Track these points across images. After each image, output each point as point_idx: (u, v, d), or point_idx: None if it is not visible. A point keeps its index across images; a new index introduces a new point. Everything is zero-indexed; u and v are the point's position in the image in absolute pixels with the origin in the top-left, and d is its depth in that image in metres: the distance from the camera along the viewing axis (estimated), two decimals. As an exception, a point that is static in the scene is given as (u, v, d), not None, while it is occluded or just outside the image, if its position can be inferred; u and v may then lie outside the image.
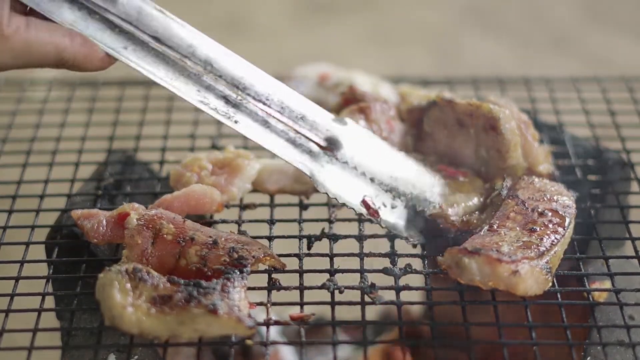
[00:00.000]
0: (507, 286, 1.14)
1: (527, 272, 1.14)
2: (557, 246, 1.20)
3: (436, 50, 3.66)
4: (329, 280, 1.23)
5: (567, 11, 3.90)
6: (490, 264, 1.14)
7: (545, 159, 1.41)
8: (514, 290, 1.14)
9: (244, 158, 1.40)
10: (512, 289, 1.14)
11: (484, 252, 1.15)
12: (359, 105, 1.41)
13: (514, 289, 1.14)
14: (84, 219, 1.30)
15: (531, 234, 1.21)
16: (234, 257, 1.17)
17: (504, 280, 1.14)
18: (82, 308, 1.21)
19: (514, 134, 1.35)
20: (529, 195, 1.29)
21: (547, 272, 1.17)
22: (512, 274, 1.13)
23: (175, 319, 1.08)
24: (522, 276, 1.13)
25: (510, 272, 1.13)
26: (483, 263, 1.14)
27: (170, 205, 1.29)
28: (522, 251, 1.17)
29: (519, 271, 1.13)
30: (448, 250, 1.18)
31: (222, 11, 3.72)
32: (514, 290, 1.14)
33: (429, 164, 1.36)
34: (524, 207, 1.26)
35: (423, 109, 1.44)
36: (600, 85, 1.72)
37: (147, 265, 1.16)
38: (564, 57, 3.55)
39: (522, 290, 1.14)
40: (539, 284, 1.16)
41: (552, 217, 1.24)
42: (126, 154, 1.56)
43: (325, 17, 3.87)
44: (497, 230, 1.22)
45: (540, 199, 1.28)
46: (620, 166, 1.50)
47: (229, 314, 1.09)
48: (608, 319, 1.22)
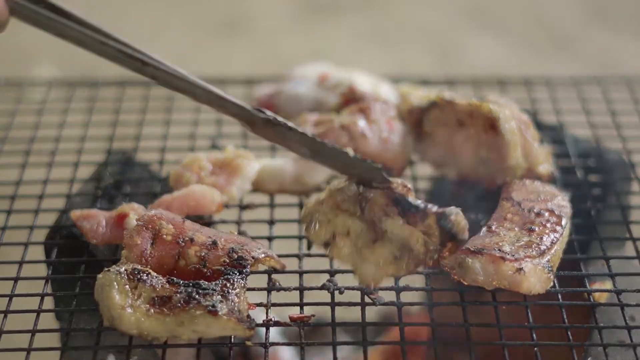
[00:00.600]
0: (511, 285, 1.14)
1: (531, 270, 1.15)
2: (557, 245, 1.21)
3: (436, 50, 3.65)
4: (329, 281, 1.23)
5: (568, 11, 3.90)
6: (493, 263, 1.14)
7: (546, 159, 1.41)
8: (518, 289, 1.14)
9: (244, 158, 1.40)
10: (517, 287, 1.14)
11: (487, 252, 1.15)
12: (359, 106, 1.41)
13: (518, 287, 1.14)
14: (83, 219, 1.29)
15: (530, 234, 1.21)
16: (234, 257, 1.17)
17: (507, 279, 1.14)
18: (81, 309, 1.21)
19: (513, 134, 1.35)
20: (523, 196, 1.29)
21: (549, 271, 1.17)
22: (517, 272, 1.14)
23: (174, 319, 1.08)
24: (526, 274, 1.14)
25: (515, 270, 1.14)
26: (486, 262, 1.15)
27: (169, 206, 1.29)
28: (524, 250, 1.17)
29: (523, 269, 1.14)
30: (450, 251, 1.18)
31: (223, 11, 3.72)
32: (518, 288, 1.14)
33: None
34: (520, 208, 1.26)
35: (423, 109, 1.44)
36: (601, 85, 1.72)
37: (147, 265, 1.15)
38: (564, 57, 3.55)
39: (526, 288, 1.14)
40: (542, 282, 1.16)
41: (549, 216, 1.25)
42: (126, 154, 1.55)
43: (325, 17, 3.87)
44: (495, 231, 1.22)
45: (535, 200, 1.28)
46: (621, 166, 1.50)
47: (228, 315, 1.08)
48: (609, 320, 1.21)
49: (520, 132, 1.37)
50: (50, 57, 3.45)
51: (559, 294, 1.21)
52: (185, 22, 3.57)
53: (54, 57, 3.50)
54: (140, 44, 1.15)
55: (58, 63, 3.39)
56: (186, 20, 3.40)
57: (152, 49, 1.15)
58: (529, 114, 1.46)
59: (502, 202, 1.29)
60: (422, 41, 3.72)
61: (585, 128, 1.60)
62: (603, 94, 1.69)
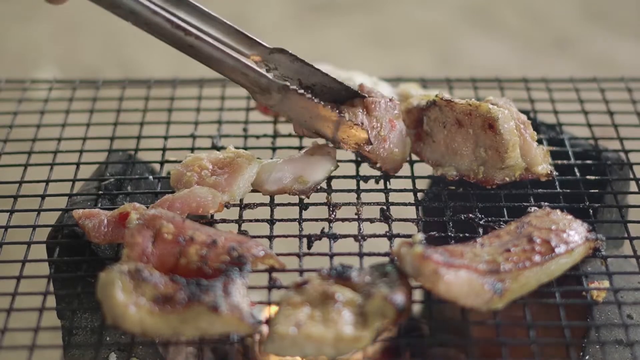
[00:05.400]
0: (429, 284, 1.13)
1: (461, 279, 1.13)
2: (526, 271, 1.17)
3: (436, 50, 3.66)
4: (329, 280, 1.23)
5: (567, 12, 3.90)
6: (419, 259, 1.13)
7: (544, 159, 1.41)
8: (435, 289, 1.13)
9: (244, 158, 1.40)
10: (434, 288, 1.13)
11: (419, 249, 1.14)
12: (365, 100, 1.41)
13: (435, 289, 1.13)
14: (85, 218, 1.30)
15: (503, 253, 1.18)
16: (234, 255, 1.17)
17: (426, 277, 1.13)
18: (83, 307, 1.21)
19: (512, 133, 1.35)
20: (536, 222, 1.25)
21: (495, 292, 1.14)
22: (434, 273, 1.12)
23: (177, 317, 1.09)
24: (446, 280, 1.12)
25: (432, 271, 1.12)
26: (415, 257, 1.14)
27: (171, 206, 1.30)
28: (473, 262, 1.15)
29: (440, 272, 1.12)
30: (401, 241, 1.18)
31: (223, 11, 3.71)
32: (435, 288, 1.13)
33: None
34: (518, 231, 1.24)
35: (422, 109, 1.44)
36: (599, 85, 1.72)
37: (148, 264, 1.16)
38: (563, 58, 3.55)
39: (444, 291, 1.13)
40: (480, 298, 1.14)
41: (540, 245, 1.20)
42: (127, 154, 1.56)
43: (325, 18, 3.87)
44: (477, 243, 1.22)
45: (542, 228, 1.24)
46: (618, 166, 1.51)
47: (231, 312, 1.09)
48: (606, 318, 1.22)
49: (519, 131, 1.37)
50: (51, 58, 3.46)
51: (556, 293, 1.22)
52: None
53: (55, 57, 3.51)
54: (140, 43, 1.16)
55: (59, 63, 3.39)
56: (186, 20, 3.40)
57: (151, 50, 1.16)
58: (527, 114, 1.47)
59: (513, 222, 1.27)
60: (421, 41, 3.73)
61: (583, 128, 1.61)
62: (601, 94, 1.70)
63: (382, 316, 1.10)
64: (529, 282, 1.17)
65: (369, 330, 1.10)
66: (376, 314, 1.10)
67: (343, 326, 1.09)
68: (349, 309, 1.12)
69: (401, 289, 1.14)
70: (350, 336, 1.08)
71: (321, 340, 1.08)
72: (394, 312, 1.11)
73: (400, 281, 1.15)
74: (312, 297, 1.13)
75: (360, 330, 1.09)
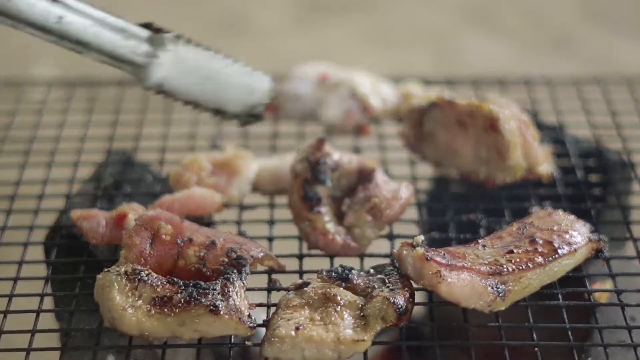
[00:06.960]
0: (431, 286, 1.12)
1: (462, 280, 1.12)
2: (528, 273, 1.16)
3: (437, 50, 3.65)
4: (329, 281, 1.22)
5: (568, 11, 3.90)
6: (420, 260, 1.12)
7: (545, 159, 1.41)
8: (437, 291, 1.12)
9: (244, 158, 1.40)
10: (435, 289, 1.12)
11: (420, 250, 1.14)
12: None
13: (436, 290, 1.12)
14: (83, 219, 1.29)
15: (506, 255, 1.17)
16: (233, 257, 1.17)
17: (426, 279, 1.12)
18: (81, 309, 1.20)
19: (513, 134, 1.35)
20: (538, 223, 1.24)
21: (497, 293, 1.13)
22: (435, 274, 1.11)
23: (175, 319, 1.08)
24: (449, 281, 1.11)
25: (434, 272, 1.11)
26: (416, 259, 1.13)
27: (170, 207, 1.29)
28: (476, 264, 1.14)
29: (443, 274, 1.11)
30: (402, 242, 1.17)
31: (223, 11, 3.72)
32: (437, 290, 1.12)
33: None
34: (520, 232, 1.22)
35: (423, 109, 1.43)
36: (601, 85, 1.72)
37: (146, 266, 1.15)
38: (565, 58, 3.55)
39: (445, 293, 1.12)
40: (483, 300, 1.13)
41: (542, 246, 1.19)
42: (125, 154, 1.55)
43: (325, 17, 3.87)
44: (479, 244, 1.20)
45: (545, 229, 1.23)
46: (621, 166, 1.50)
47: (230, 314, 1.08)
48: (609, 320, 1.21)
49: (520, 132, 1.37)
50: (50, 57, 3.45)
51: (559, 294, 1.21)
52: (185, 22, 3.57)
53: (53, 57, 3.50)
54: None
55: (58, 63, 3.39)
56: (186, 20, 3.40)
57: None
58: (529, 114, 1.46)
59: (514, 222, 1.26)
60: (422, 41, 3.72)
61: (585, 128, 1.60)
62: (603, 94, 1.69)
63: (383, 319, 1.10)
64: (532, 283, 1.17)
65: (369, 332, 1.09)
66: (377, 316, 1.10)
67: (344, 329, 1.08)
68: (350, 311, 1.11)
69: (402, 291, 1.13)
70: (351, 339, 1.07)
71: (321, 343, 1.07)
72: (395, 315, 1.10)
73: (401, 283, 1.14)
74: (312, 299, 1.12)
75: (361, 332, 1.08)
